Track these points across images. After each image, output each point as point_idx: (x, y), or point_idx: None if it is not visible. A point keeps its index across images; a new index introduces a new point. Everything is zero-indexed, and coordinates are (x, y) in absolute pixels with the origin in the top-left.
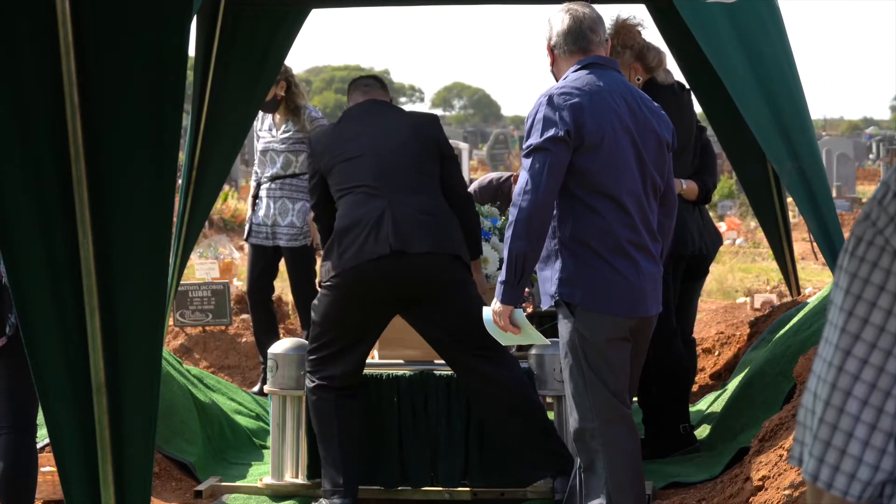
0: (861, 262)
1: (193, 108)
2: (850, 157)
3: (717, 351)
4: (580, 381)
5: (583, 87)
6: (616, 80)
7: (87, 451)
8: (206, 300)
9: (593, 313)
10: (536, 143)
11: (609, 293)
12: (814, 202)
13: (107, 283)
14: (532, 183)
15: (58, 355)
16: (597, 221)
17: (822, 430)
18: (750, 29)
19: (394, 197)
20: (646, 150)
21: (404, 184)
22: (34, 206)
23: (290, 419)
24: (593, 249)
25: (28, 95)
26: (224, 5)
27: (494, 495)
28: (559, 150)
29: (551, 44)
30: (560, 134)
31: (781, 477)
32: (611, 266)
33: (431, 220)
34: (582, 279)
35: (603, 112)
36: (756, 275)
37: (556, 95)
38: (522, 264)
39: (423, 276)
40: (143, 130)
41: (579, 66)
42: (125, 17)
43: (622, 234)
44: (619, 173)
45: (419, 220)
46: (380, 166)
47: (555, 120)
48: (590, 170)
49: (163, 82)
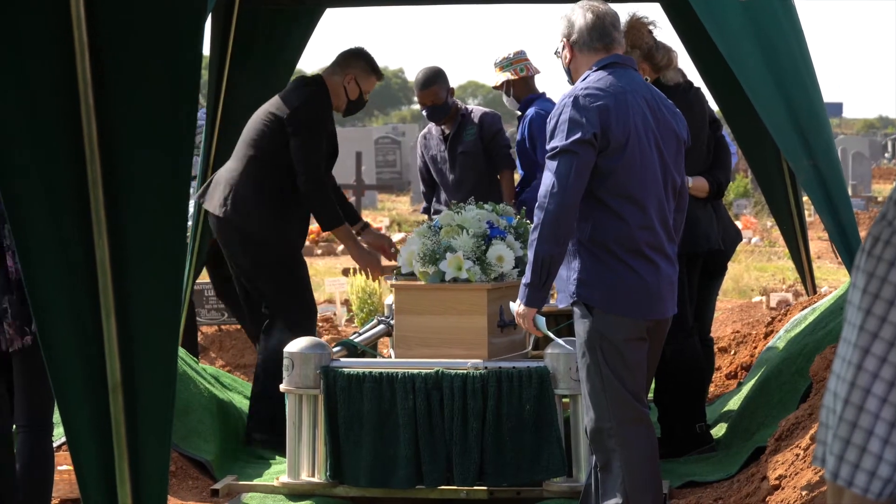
0: (878, 261)
1: (209, 107)
2: (865, 156)
3: (732, 350)
4: (598, 380)
5: (607, 89)
6: (636, 81)
7: (103, 450)
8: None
9: (612, 314)
10: (563, 146)
11: (628, 295)
12: (830, 201)
13: (122, 284)
14: (559, 185)
15: (74, 355)
16: (617, 223)
17: (842, 428)
18: (765, 26)
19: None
20: (666, 151)
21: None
22: (49, 206)
23: (307, 418)
24: (612, 251)
25: (43, 97)
26: (239, 5)
27: (511, 494)
28: (586, 153)
29: (571, 40)
30: (587, 137)
31: (798, 476)
32: (630, 268)
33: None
34: (601, 281)
35: (627, 114)
36: (772, 274)
37: (582, 97)
38: (549, 267)
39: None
40: (158, 131)
41: (599, 65)
42: (140, 18)
43: (642, 237)
44: (642, 175)
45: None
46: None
47: (581, 122)
48: (613, 172)
49: (178, 83)
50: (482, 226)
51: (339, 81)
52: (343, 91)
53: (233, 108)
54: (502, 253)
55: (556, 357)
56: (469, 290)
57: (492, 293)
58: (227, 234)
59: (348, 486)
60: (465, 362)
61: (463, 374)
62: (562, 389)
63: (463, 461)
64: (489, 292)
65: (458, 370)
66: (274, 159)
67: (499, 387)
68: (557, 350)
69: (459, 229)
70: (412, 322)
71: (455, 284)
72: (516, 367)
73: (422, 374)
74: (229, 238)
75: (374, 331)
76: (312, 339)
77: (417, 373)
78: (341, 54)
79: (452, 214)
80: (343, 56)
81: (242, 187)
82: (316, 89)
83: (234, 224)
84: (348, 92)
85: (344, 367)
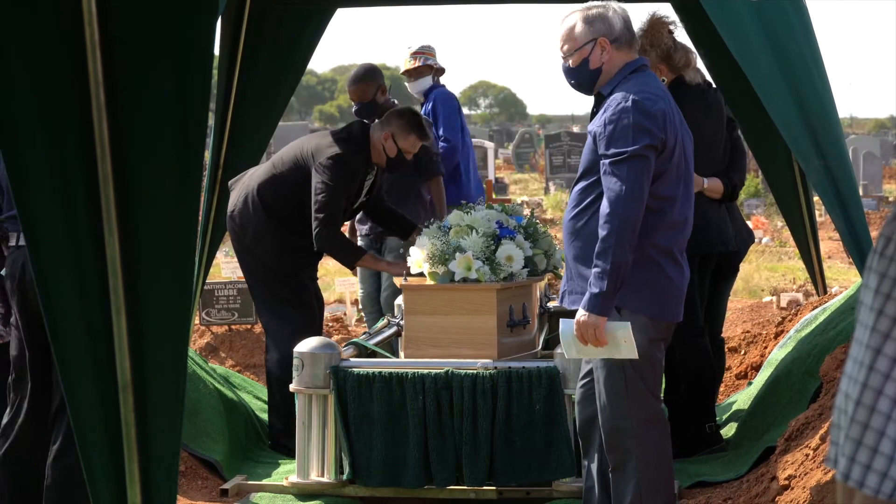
0: (890, 261)
1: (219, 107)
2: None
3: (742, 350)
4: (621, 380)
5: (657, 93)
6: (661, 84)
7: (113, 450)
8: (232, 299)
9: (640, 315)
10: (633, 150)
11: (658, 297)
12: (841, 201)
13: (133, 283)
14: (632, 192)
15: (84, 354)
16: (655, 226)
17: (854, 429)
18: (776, 26)
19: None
20: (688, 152)
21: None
22: (60, 205)
23: (316, 418)
24: (648, 253)
25: (54, 95)
26: (250, 5)
27: (520, 494)
28: (654, 158)
29: (612, 38)
30: (655, 142)
31: (808, 476)
32: (662, 270)
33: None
34: (633, 283)
35: (673, 118)
36: (782, 274)
37: (642, 100)
38: (624, 274)
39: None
40: (169, 130)
41: (632, 68)
42: (151, 17)
43: (674, 238)
44: (678, 178)
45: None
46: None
47: (647, 127)
48: (661, 175)
49: (189, 82)
50: (491, 225)
51: (378, 138)
52: (381, 148)
53: (243, 108)
54: (512, 253)
55: (566, 357)
56: (479, 290)
57: (501, 293)
58: (232, 232)
59: (357, 486)
60: (475, 362)
61: (473, 374)
62: (571, 389)
63: (472, 461)
64: (499, 292)
65: (467, 370)
66: (287, 189)
67: (508, 387)
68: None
69: (469, 229)
70: (422, 322)
71: (464, 284)
72: (526, 367)
73: (431, 375)
74: (235, 236)
75: (385, 332)
76: (322, 339)
77: (427, 373)
78: (389, 112)
79: (462, 214)
80: (389, 113)
81: (254, 197)
82: (354, 147)
83: (236, 226)
84: (386, 150)
85: (354, 367)
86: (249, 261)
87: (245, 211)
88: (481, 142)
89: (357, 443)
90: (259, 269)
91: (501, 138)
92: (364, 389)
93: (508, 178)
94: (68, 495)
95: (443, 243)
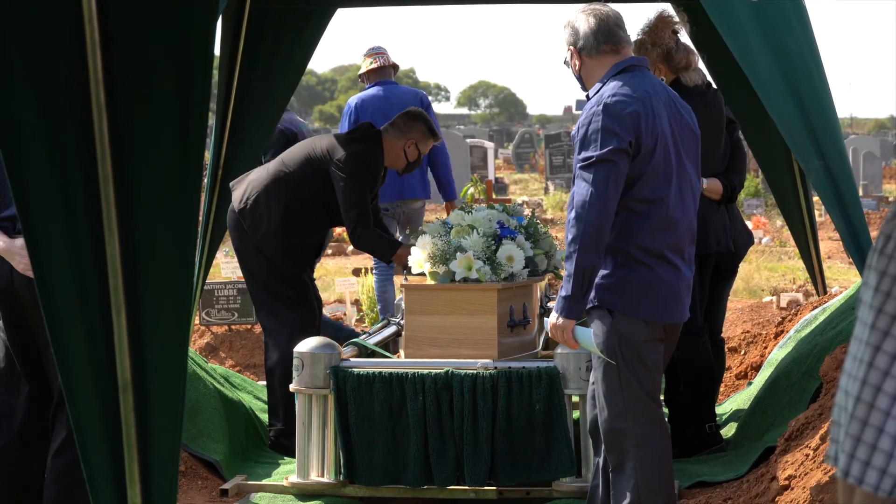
0: (890, 259)
1: (219, 107)
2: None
3: (743, 350)
4: (616, 380)
5: (633, 94)
6: (655, 83)
7: (113, 450)
8: (232, 299)
9: (633, 317)
10: (599, 155)
11: (650, 298)
12: (840, 201)
13: (133, 283)
14: (598, 196)
15: (84, 354)
16: (641, 227)
17: (853, 426)
18: (776, 26)
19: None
20: (685, 152)
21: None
22: (60, 205)
23: (316, 418)
24: (635, 256)
25: (54, 94)
26: (250, 5)
27: (520, 494)
28: (623, 162)
29: (578, 47)
30: (623, 146)
31: (808, 476)
32: (652, 271)
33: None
34: (623, 285)
35: (654, 118)
36: (782, 274)
37: (612, 104)
38: (590, 278)
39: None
40: (169, 130)
41: (617, 69)
42: (151, 17)
43: (665, 240)
44: (666, 179)
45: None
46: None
47: (615, 130)
48: (641, 177)
49: (189, 82)
50: (492, 225)
51: (399, 145)
52: (403, 154)
53: (243, 108)
54: (512, 253)
55: (566, 357)
56: (479, 290)
57: (502, 293)
58: (236, 230)
59: (357, 486)
60: (475, 362)
61: (473, 374)
62: (571, 389)
63: (473, 461)
64: (499, 292)
65: (467, 370)
66: (299, 189)
67: (508, 387)
68: (567, 350)
69: (470, 229)
70: (422, 322)
71: (465, 284)
72: (526, 367)
73: (432, 375)
74: (238, 235)
75: (385, 332)
76: (322, 339)
77: (427, 373)
78: (401, 117)
79: (463, 214)
80: (404, 120)
81: (265, 196)
82: (371, 147)
83: (243, 225)
84: (408, 155)
85: (354, 367)
86: (252, 259)
87: (256, 208)
88: (481, 142)
89: (357, 443)
90: (261, 267)
91: (501, 138)
92: (364, 389)
93: (508, 178)
94: (68, 493)
95: (444, 243)
